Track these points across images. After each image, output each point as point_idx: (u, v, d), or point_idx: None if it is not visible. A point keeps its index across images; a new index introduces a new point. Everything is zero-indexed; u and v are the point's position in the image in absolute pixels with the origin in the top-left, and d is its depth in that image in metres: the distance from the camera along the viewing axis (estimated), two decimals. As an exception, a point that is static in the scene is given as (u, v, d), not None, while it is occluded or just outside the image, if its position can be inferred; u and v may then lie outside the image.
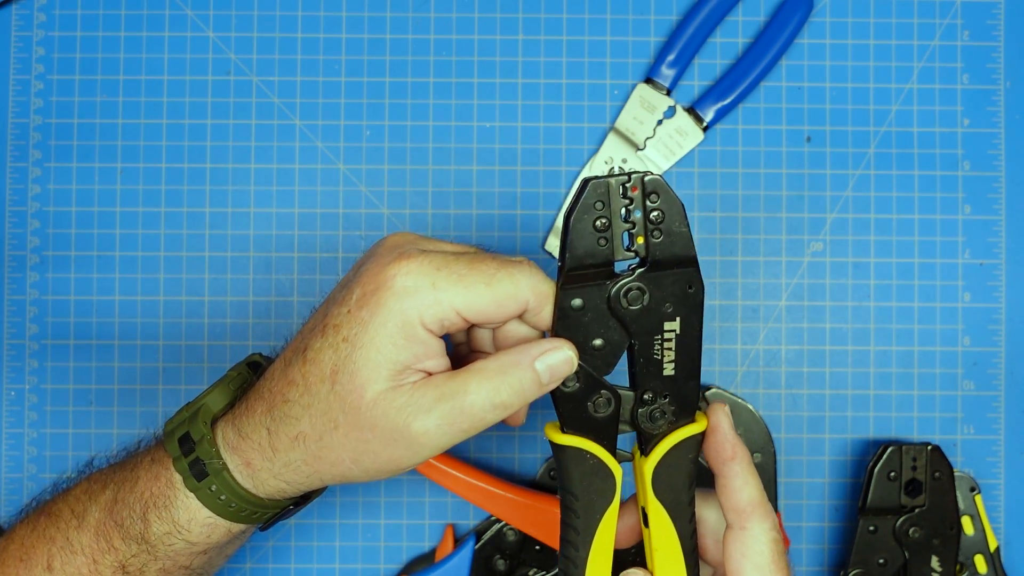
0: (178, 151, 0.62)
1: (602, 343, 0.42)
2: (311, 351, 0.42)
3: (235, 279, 0.62)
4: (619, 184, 0.41)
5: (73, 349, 0.62)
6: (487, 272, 0.41)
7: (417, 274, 0.40)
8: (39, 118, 0.62)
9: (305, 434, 0.42)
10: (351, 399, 0.41)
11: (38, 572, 0.47)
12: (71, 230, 0.62)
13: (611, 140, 0.61)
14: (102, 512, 0.47)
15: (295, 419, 0.42)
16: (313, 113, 0.62)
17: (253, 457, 0.44)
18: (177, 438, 0.45)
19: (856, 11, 0.62)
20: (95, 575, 0.46)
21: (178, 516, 0.46)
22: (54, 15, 0.62)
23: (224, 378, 0.48)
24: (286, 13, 0.62)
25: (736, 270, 0.62)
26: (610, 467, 0.42)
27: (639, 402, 0.43)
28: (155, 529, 0.46)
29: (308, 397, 0.42)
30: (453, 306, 0.40)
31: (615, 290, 0.41)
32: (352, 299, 0.41)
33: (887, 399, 0.62)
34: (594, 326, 0.42)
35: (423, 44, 0.62)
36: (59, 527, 0.47)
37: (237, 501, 0.45)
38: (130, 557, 0.46)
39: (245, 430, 0.44)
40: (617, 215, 0.41)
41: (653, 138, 0.61)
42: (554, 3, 0.62)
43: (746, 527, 0.42)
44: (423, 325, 0.41)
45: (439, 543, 0.61)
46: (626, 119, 0.61)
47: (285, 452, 0.43)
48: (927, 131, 0.62)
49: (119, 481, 0.47)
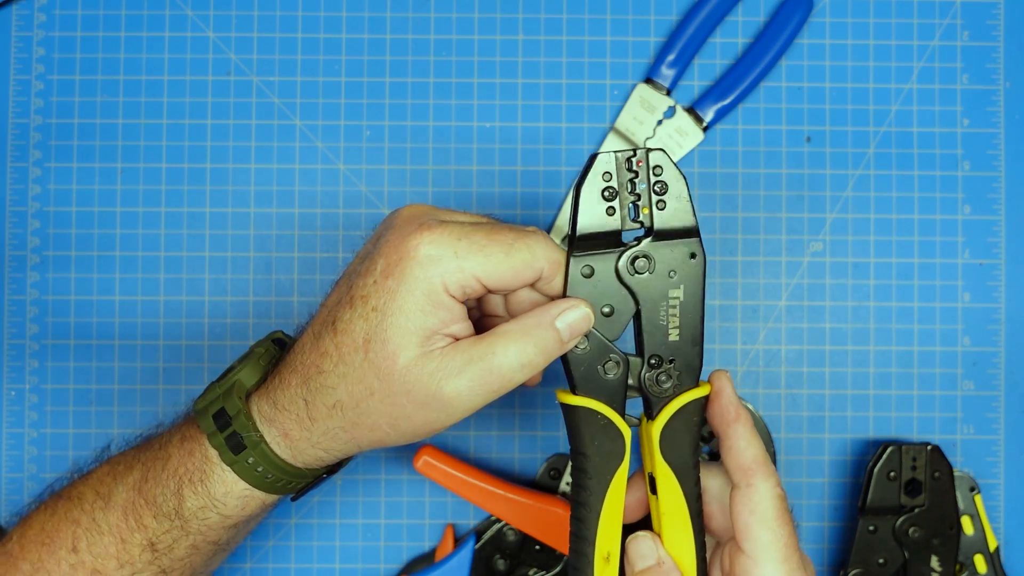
0: (178, 151, 0.62)
1: (610, 310, 0.45)
2: (341, 322, 0.43)
3: (235, 279, 0.62)
4: (625, 158, 0.44)
5: (73, 349, 0.62)
6: (505, 242, 0.43)
7: (439, 244, 0.42)
8: (39, 118, 0.62)
9: (342, 402, 0.44)
10: (385, 366, 0.42)
11: (63, 554, 0.48)
12: (71, 230, 0.62)
13: (611, 140, 0.61)
14: (130, 491, 0.47)
15: (331, 388, 0.44)
16: (313, 113, 0.62)
17: (291, 428, 0.45)
18: (211, 414, 0.46)
19: (856, 11, 0.62)
20: (123, 554, 0.47)
21: (214, 490, 0.47)
22: (54, 15, 0.62)
23: (252, 354, 0.49)
24: (286, 13, 0.62)
25: (736, 270, 0.62)
26: (619, 427, 0.44)
27: (646, 366, 0.45)
28: (189, 504, 0.47)
29: (343, 367, 0.43)
30: (474, 274, 0.42)
31: (623, 259, 0.44)
32: (377, 270, 0.43)
33: (887, 399, 0.62)
34: (603, 293, 0.44)
35: (423, 44, 0.62)
36: (83, 509, 0.48)
37: (274, 472, 0.46)
38: (161, 534, 0.47)
39: (281, 402, 0.45)
40: (624, 187, 0.44)
41: (653, 138, 0.61)
42: (554, 3, 0.62)
43: (752, 484, 0.44)
44: (447, 291, 0.42)
45: (439, 543, 0.61)
46: (626, 119, 0.61)
47: (323, 421, 0.45)
48: (927, 131, 0.62)
49: (147, 461, 0.48)
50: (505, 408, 0.62)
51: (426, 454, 0.56)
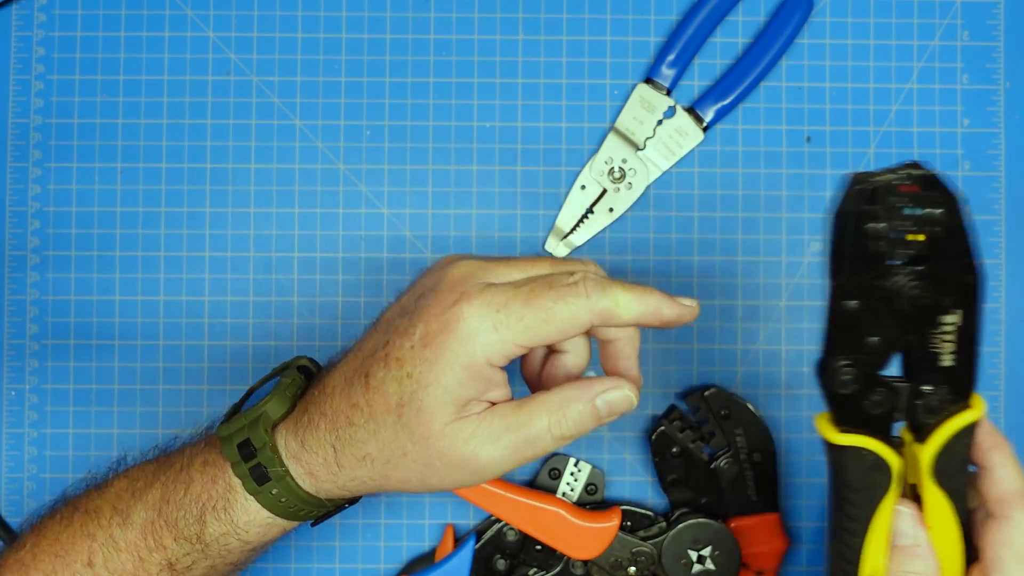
0: (178, 151, 0.62)
1: (878, 340, 0.42)
2: (374, 379, 0.43)
3: (235, 279, 0.62)
4: (889, 180, 0.41)
5: (73, 349, 0.62)
6: (545, 308, 0.42)
7: (479, 318, 0.42)
8: (39, 118, 0.62)
9: (372, 456, 0.44)
10: (419, 431, 0.43)
11: (77, 567, 0.47)
12: (71, 230, 0.62)
13: (611, 140, 0.61)
14: (150, 511, 0.48)
15: (362, 443, 0.44)
16: (313, 113, 0.62)
17: (317, 469, 0.46)
18: (236, 444, 0.46)
19: (856, 11, 0.62)
20: (141, 571, 0.47)
21: (237, 518, 0.47)
22: (54, 15, 0.62)
23: (279, 385, 0.48)
24: (286, 13, 0.62)
25: (736, 270, 0.62)
26: (887, 461, 0.43)
27: (916, 394, 0.43)
28: (212, 530, 0.47)
29: (374, 424, 0.43)
30: (515, 343, 0.42)
31: (892, 287, 0.41)
32: (415, 335, 0.43)
33: (887, 399, 0.62)
34: (870, 323, 0.42)
35: (423, 44, 0.62)
36: (100, 524, 0.48)
37: (298, 503, 0.47)
38: (181, 556, 0.47)
39: (309, 443, 0.45)
40: (889, 211, 0.41)
41: (653, 138, 0.61)
42: (554, 3, 0.62)
43: (1009, 516, 0.42)
44: (488, 363, 0.42)
45: (439, 543, 0.61)
46: (626, 119, 0.61)
47: (351, 469, 0.45)
48: (927, 131, 0.62)
49: (167, 481, 0.48)
50: (505, 408, 0.62)
51: (426, 454, 0.56)
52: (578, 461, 0.61)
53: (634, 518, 0.60)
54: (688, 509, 0.60)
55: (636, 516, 0.60)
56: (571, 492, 0.61)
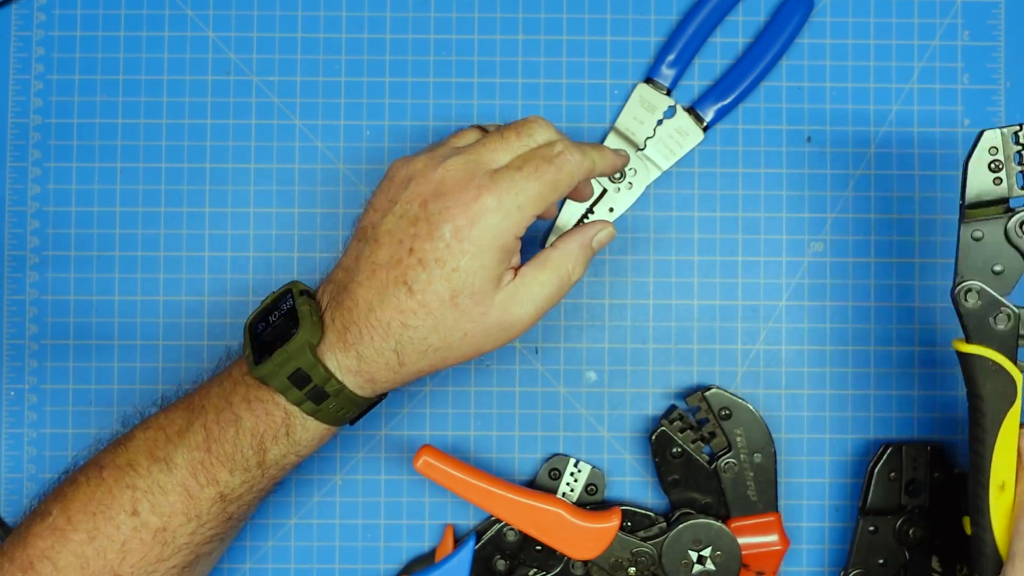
0: (178, 151, 0.62)
1: (1001, 268, 0.51)
2: (418, 283, 0.48)
3: (235, 279, 0.62)
4: (1011, 132, 0.50)
5: (72, 349, 0.62)
6: (550, 180, 0.49)
7: (502, 203, 0.48)
8: (39, 118, 0.62)
9: (435, 346, 0.50)
10: (475, 311, 0.49)
11: (122, 519, 0.50)
12: (71, 230, 0.62)
13: (611, 140, 0.61)
14: (196, 451, 0.50)
15: (422, 338, 0.49)
16: (313, 113, 0.62)
17: (377, 373, 0.50)
18: (286, 376, 0.49)
19: (856, 11, 0.62)
20: (191, 508, 0.50)
21: (298, 437, 0.51)
22: (54, 15, 0.62)
23: (302, 314, 0.50)
24: (286, 13, 0.62)
25: (736, 270, 0.62)
26: (1010, 372, 0.50)
27: None
28: (272, 455, 0.51)
29: (432, 320, 0.49)
30: (533, 214, 0.49)
31: (1011, 222, 0.50)
32: (445, 235, 0.48)
33: (888, 399, 0.62)
34: (993, 254, 0.51)
35: (423, 44, 0.62)
36: (139, 474, 0.50)
37: (352, 408, 0.51)
38: (236, 485, 0.51)
39: (367, 355, 0.50)
40: (1010, 158, 0.50)
41: (653, 138, 0.61)
42: (554, 3, 0.62)
43: None
44: (515, 238, 0.49)
45: (439, 543, 0.61)
46: (626, 119, 0.61)
47: (414, 364, 0.50)
48: (928, 131, 0.62)
49: (208, 423, 0.51)
50: (505, 408, 0.62)
51: (426, 454, 0.56)
52: (578, 461, 0.61)
53: (634, 518, 0.60)
54: (688, 509, 0.60)
55: (636, 516, 0.60)
56: (571, 492, 0.61)
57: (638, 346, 0.62)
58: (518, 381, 0.62)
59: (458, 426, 0.62)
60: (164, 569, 0.51)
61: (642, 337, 0.62)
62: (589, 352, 0.62)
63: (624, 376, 0.62)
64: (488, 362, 0.62)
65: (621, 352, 0.62)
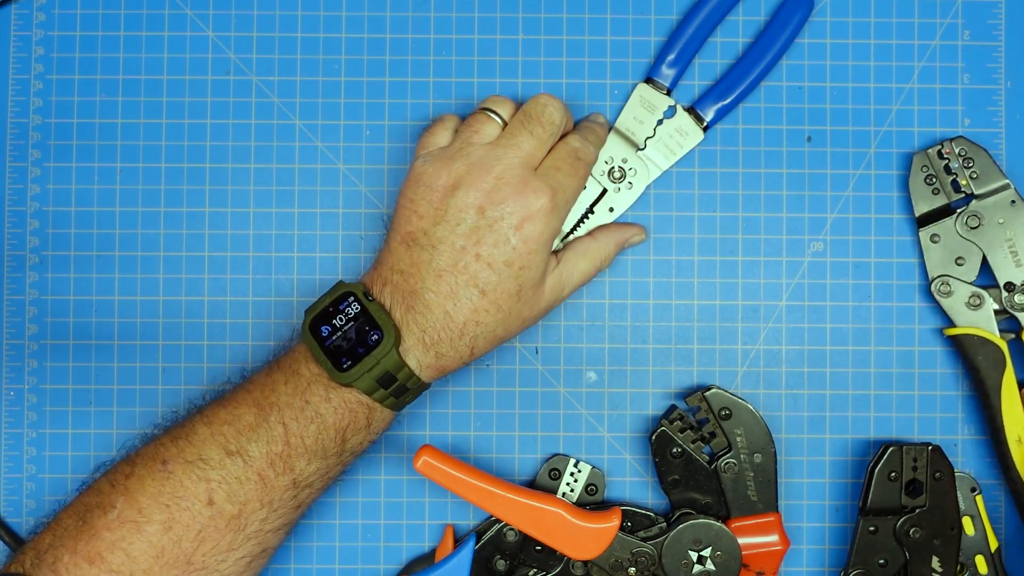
0: (178, 151, 0.62)
1: (962, 260, 0.59)
2: (490, 284, 0.53)
3: (235, 279, 0.62)
4: (935, 151, 0.60)
5: (72, 349, 0.61)
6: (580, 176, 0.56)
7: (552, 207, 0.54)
8: (38, 118, 0.62)
9: (500, 336, 0.55)
10: (534, 300, 0.55)
11: (198, 508, 0.51)
12: (70, 230, 0.62)
13: (611, 140, 0.61)
14: (275, 445, 0.52)
15: (492, 331, 0.54)
16: (313, 113, 0.62)
17: (451, 365, 0.55)
18: (374, 379, 0.52)
19: (856, 11, 0.62)
20: (266, 495, 0.52)
21: (376, 427, 0.55)
22: (53, 15, 0.62)
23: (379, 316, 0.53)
24: (286, 13, 0.62)
25: (736, 270, 0.62)
26: (995, 342, 0.59)
27: (1004, 292, 0.59)
28: (351, 443, 0.54)
29: (502, 314, 0.54)
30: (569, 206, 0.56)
31: (958, 222, 0.59)
32: (511, 238, 0.53)
33: (888, 399, 0.62)
34: (952, 249, 0.60)
35: (423, 44, 0.62)
36: (212, 467, 0.52)
37: (419, 394, 0.55)
38: (311, 472, 0.53)
39: (445, 352, 0.54)
40: (940, 171, 0.60)
41: (653, 137, 0.61)
42: (554, 3, 0.62)
43: None
44: (561, 228, 0.56)
45: (439, 543, 0.61)
46: (626, 119, 0.61)
47: (481, 351, 0.55)
48: (928, 131, 0.62)
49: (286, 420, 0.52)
50: (505, 408, 0.62)
51: (426, 454, 0.56)
52: (578, 461, 0.61)
53: (634, 518, 0.60)
54: (688, 509, 0.60)
55: (636, 516, 0.60)
56: (571, 492, 0.61)
57: (638, 346, 0.62)
58: (518, 381, 0.62)
59: (458, 426, 0.62)
60: (233, 559, 0.52)
61: (642, 337, 0.62)
62: (589, 352, 0.62)
63: (624, 376, 0.62)
64: (488, 362, 0.62)
65: (621, 352, 0.62)
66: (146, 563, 0.51)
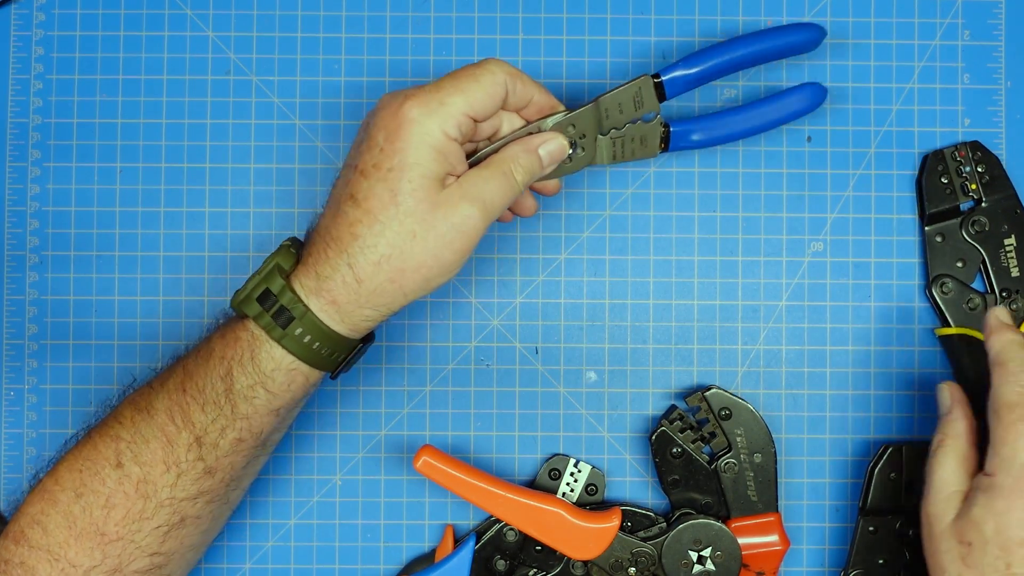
0: (178, 151, 0.62)
1: (963, 262, 0.60)
2: (361, 192, 0.49)
3: (235, 279, 0.62)
4: (950, 152, 0.60)
5: (72, 349, 0.61)
6: (470, 75, 0.50)
7: (426, 101, 0.49)
8: (38, 118, 0.62)
9: (387, 255, 0.49)
10: (420, 208, 0.49)
11: (107, 472, 0.50)
12: (70, 230, 0.62)
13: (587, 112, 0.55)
14: (173, 394, 0.51)
15: (373, 247, 0.49)
16: (313, 113, 0.62)
17: (338, 294, 0.50)
18: (255, 298, 0.50)
19: (856, 11, 0.62)
20: (170, 456, 0.50)
21: (263, 365, 0.50)
22: (53, 15, 0.62)
23: (281, 246, 0.52)
24: (286, 13, 0.62)
25: (736, 270, 0.62)
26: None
27: (999, 298, 0.60)
28: (239, 384, 0.50)
29: (379, 225, 0.49)
30: (461, 110, 0.49)
31: (964, 223, 0.60)
32: (379, 141, 0.49)
33: (888, 399, 0.62)
34: (954, 250, 0.60)
35: (423, 44, 0.62)
36: (123, 425, 0.51)
37: (321, 339, 0.50)
38: (208, 424, 0.50)
39: (324, 273, 0.49)
40: (953, 172, 0.60)
41: (619, 131, 0.56)
42: (554, 3, 0.62)
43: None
44: (447, 136, 0.49)
45: (439, 543, 0.61)
46: (611, 100, 0.56)
47: (370, 278, 0.49)
48: (928, 131, 0.62)
49: (186, 366, 0.51)
50: (505, 408, 0.62)
51: (426, 454, 0.56)
52: (578, 461, 0.61)
53: (634, 518, 0.60)
54: (688, 509, 0.60)
55: (636, 516, 0.60)
56: (571, 492, 0.61)
57: (638, 346, 0.62)
58: (518, 381, 0.62)
59: (458, 426, 0.62)
60: (149, 529, 0.50)
61: (642, 337, 0.62)
62: (589, 352, 0.62)
63: (624, 376, 0.62)
64: (488, 362, 0.62)
65: (621, 352, 0.62)
66: (60, 535, 0.50)
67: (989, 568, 0.48)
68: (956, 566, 0.49)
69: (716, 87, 0.62)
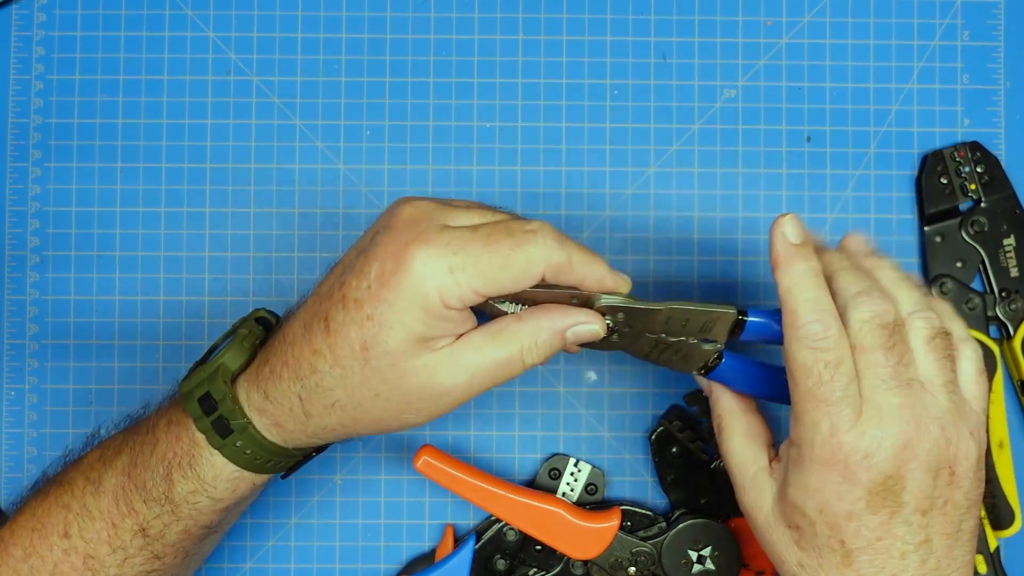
0: (178, 151, 0.62)
1: (962, 262, 0.60)
2: (333, 322, 0.43)
3: (235, 279, 0.62)
4: (950, 153, 0.60)
5: (73, 349, 0.62)
6: (502, 253, 0.42)
7: (435, 259, 0.41)
8: (39, 118, 0.62)
9: (341, 403, 0.43)
10: (390, 372, 0.42)
11: (55, 539, 0.47)
12: (71, 230, 0.62)
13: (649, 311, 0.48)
14: (119, 476, 0.47)
15: (328, 389, 0.43)
16: (313, 113, 0.62)
17: (284, 420, 0.45)
18: (196, 399, 0.46)
19: (856, 11, 0.62)
20: (115, 539, 0.47)
21: (203, 473, 0.46)
22: (54, 15, 0.62)
23: (236, 335, 0.48)
24: (286, 13, 0.62)
25: (736, 270, 0.62)
26: (988, 344, 0.59)
27: (997, 298, 0.60)
28: (179, 488, 0.46)
29: (339, 369, 0.43)
30: (471, 287, 0.42)
31: (963, 224, 0.60)
32: (371, 274, 0.42)
33: (887, 399, 0.62)
34: (953, 250, 0.60)
35: (423, 44, 0.62)
36: (74, 494, 0.48)
37: (264, 454, 0.46)
38: (152, 519, 0.47)
39: (274, 395, 0.45)
40: (953, 172, 0.60)
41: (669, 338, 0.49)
42: (554, 3, 0.62)
43: None
44: (445, 305, 0.42)
45: (439, 543, 0.61)
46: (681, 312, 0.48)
47: (320, 418, 0.44)
48: (927, 131, 0.62)
49: (135, 445, 0.48)
50: (505, 408, 0.62)
51: (426, 454, 0.56)
52: (578, 461, 0.61)
53: (634, 518, 0.60)
54: (688, 509, 0.60)
55: (636, 516, 0.60)
56: (571, 492, 0.61)
57: (638, 346, 0.62)
58: (518, 381, 0.62)
59: (458, 426, 0.62)
60: None
61: (642, 337, 0.62)
62: (589, 351, 0.62)
63: (624, 376, 0.62)
64: (488, 362, 0.62)
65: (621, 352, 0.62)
66: None
67: (825, 548, 0.43)
68: (792, 552, 0.45)
69: (716, 86, 0.62)
